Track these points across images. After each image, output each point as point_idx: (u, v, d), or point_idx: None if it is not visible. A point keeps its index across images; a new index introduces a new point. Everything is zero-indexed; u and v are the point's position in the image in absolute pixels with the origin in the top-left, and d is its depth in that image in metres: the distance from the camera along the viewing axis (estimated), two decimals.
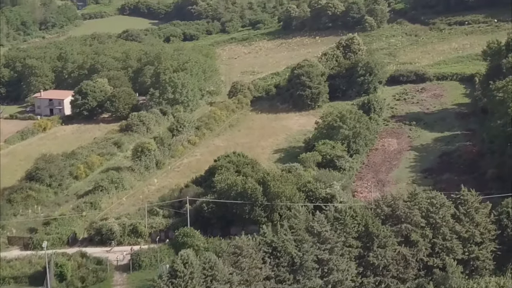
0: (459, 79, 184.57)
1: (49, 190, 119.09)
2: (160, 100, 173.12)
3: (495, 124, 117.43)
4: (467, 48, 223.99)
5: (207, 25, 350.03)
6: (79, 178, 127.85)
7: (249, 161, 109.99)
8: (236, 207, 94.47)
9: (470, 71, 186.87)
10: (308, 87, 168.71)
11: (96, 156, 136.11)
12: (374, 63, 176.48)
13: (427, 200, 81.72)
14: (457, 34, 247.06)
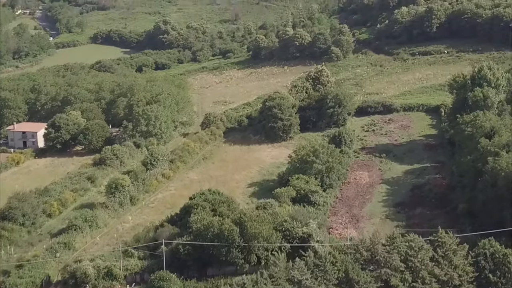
0: (425, 110, 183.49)
1: (22, 229, 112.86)
2: (134, 133, 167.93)
3: (465, 159, 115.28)
4: (430, 78, 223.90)
5: (178, 54, 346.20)
6: (52, 215, 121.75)
7: (225, 199, 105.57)
8: (213, 249, 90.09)
9: (435, 102, 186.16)
10: (280, 119, 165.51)
11: (70, 192, 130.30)
12: (343, 95, 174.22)
13: (405, 243, 78.67)
14: (420, 64, 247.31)
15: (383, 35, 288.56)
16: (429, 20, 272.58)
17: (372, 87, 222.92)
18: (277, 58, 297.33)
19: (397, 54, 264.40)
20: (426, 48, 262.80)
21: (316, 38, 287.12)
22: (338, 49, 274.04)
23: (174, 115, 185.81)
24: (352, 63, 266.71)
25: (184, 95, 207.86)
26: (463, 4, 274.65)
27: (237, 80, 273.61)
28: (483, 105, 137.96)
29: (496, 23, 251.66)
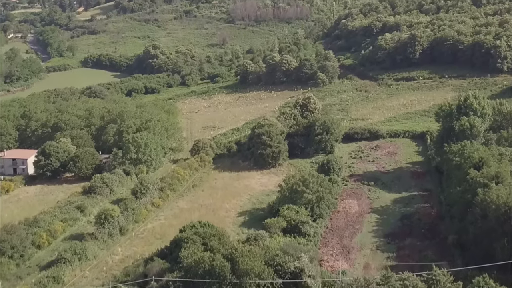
0: (410, 136, 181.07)
1: (11, 262, 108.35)
2: (123, 160, 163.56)
3: (454, 189, 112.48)
4: (415, 104, 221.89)
5: (167, 78, 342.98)
6: (41, 247, 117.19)
7: (216, 232, 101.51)
8: (204, 285, 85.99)
9: (421, 128, 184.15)
10: (269, 146, 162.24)
11: (59, 223, 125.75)
12: (331, 122, 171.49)
13: (400, 282, 75.20)
14: (404, 90, 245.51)
15: (367, 61, 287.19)
16: (412, 46, 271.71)
17: (358, 112, 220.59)
18: (265, 83, 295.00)
19: (381, 80, 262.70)
20: (410, 73, 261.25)
21: (302, 64, 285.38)
22: (324, 74, 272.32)
23: (164, 142, 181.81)
24: (337, 88, 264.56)
25: (174, 121, 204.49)
26: (445, 31, 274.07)
27: (226, 104, 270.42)
28: (470, 134, 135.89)
29: (477, 49, 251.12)
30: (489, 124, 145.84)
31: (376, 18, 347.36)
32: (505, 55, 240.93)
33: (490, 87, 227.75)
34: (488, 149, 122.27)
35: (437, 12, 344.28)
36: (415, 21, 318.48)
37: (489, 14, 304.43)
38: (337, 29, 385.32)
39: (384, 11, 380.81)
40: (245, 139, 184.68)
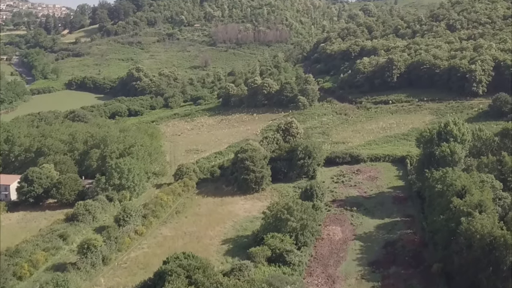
0: (391, 160, 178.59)
1: None
2: (106, 186, 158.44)
3: (438, 218, 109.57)
4: (393, 127, 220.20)
5: (151, 101, 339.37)
6: (23, 278, 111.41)
7: (200, 265, 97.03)
8: None
9: (401, 152, 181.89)
10: (252, 171, 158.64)
11: (41, 252, 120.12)
12: (312, 147, 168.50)
13: None
14: (383, 113, 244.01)
15: (346, 84, 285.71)
16: (389, 70, 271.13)
17: (338, 135, 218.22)
18: (247, 105, 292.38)
19: (360, 103, 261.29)
20: (388, 97, 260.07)
21: (283, 87, 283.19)
22: (305, 97, 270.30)
23: (147, 166, 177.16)
24: (318, 111, 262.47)
25: (157, 145, 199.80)
26: (422, 55, 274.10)
27: (209, 127, 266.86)
28: (451, 160, 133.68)
29: (453, 73, 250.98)
30: (468, 150, 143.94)
31: (354, 42, 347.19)
32: (480, 79, 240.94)
33: (467, 111, 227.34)
34: (469, 176, 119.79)
35: (413, 36, 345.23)
36: (392, 45, 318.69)
37: (463, 39, 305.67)
38: (316, 53, 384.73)
39: (362, 35, 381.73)
40: (228, 163, 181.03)
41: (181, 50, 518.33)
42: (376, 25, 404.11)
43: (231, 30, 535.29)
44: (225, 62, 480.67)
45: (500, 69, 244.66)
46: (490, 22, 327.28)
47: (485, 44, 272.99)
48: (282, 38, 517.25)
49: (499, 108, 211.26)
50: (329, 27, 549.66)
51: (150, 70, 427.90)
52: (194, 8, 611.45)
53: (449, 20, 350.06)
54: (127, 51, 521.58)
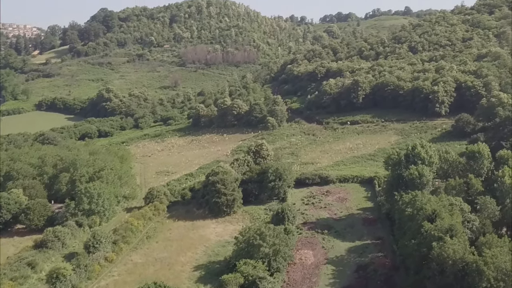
0: (359, 181, 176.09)
1: None
2: (76, 211, 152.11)
3: (409, 242, 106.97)
4: (360, 148, 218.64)
5: (121, 121, 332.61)
6: None
7: None
8: None
9: (368, 173, 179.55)
10: (224, 194, 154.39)
11: (9, 282, 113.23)
12: (283, 169, 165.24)
13: None
14: (349, 134, 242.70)
15: (313, 105, 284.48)
16: (355, 91, 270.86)
17: (307, 156, 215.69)
18: (217, 126, 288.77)
19: (328, 123, 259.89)
20: (354, 117, 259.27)
21: (253, 108, 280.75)
22: (273, 118, 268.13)
23: (117, 190, 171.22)
24: (286, 131, 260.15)
25: (127, 169, 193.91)
26: (386, 77, 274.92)
27: (179, 148, 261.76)
28: (419, 183, 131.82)
29: (417, 94, 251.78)
30: (436, 172, 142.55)
31: (320, 64, 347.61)
32: (443, 100, 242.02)
33: (430, 131, 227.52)
34: (439, 199, 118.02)
35: (376, 58, 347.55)
36: (356, 67, 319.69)
37: (425, 61, 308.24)
38: (283, 74, 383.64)
39: (327, 57, 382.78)
40: (199, 185, 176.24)
41: (151, 70, 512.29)
42: (341, 47, 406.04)
43: (200, 51, 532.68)
44: (194, 82, 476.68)
45: (462, 90, 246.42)
46: (450, 44, 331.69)
47: (447, 66, 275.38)
48: (250, 59, 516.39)
49: (462, 128, 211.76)
50: (295, 48, 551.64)
51: (120, 91, 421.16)
52: (164, 30, 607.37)
53: (411, 42, 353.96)
54: (97, 72, 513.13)
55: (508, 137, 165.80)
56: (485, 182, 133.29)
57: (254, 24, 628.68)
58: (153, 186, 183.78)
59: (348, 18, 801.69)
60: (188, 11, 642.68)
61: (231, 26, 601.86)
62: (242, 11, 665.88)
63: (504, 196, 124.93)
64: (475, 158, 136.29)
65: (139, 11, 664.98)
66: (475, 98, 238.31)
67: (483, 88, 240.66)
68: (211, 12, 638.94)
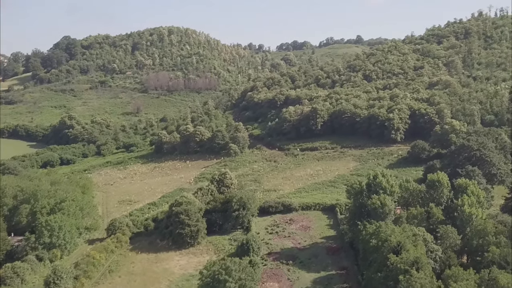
0: (321, 208, 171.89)
1: None
2: (36, 245, 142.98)
3: (375, 275, 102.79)
4: (320, 174, 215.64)
5: (83, 149, 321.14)
6: None
7: None
8: None
9: (330, 200, 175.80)
10: (187, 225, 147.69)
11: None
12: (247, 198, 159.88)
13: None
14: (309, 160, 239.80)
15: (274, 132, 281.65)
16: (314, 118, 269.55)
17: (270, 183, 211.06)
18: (179, 152, 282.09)
19: (288, 150, 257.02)
20: (313, 144, 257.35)
21: (215, 135, 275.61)
22: (235, 145, 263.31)
23: (79, 222, 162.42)
24: (249, 158, 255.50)
25: (89, 199, 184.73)
26: (343, 105, 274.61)
27: (142, 175, 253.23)
28: (381, 212, 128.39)
29: (373, 121, 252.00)
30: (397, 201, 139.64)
31: (279, 92, 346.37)
32: (398, 127, 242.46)
33: (387, 157, 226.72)
34: (402, 229, 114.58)
35: (333, 86, 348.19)
36: (314, 95, 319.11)
37: (379, 89, 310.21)
38: (244, 100, 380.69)
39: (286, 85, 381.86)
40: (162, 215, 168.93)
41: (113, 97, 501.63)
42: (298, 75, 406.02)
43: (162, 77, 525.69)
44: (157, 108, 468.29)
45: (416, 117, 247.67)
46: (403, 73, 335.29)
47: (401, 94, 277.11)
48: (211, 85, 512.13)
49: (418, 154, 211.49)
50: (254, 75, 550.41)
51: (83, 117, 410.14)
52: (126, 57, 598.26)
53: (365, 70, 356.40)
54: (60, 99, 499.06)
55: (463, 164, 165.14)
56: (445, 211, 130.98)
57: (215, 52, 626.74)
58: (115, 216, 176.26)
59: (304, 46, 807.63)
60: (150, 39, 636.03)
61: (192, 53, 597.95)
62: (203, 39, 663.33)
63: (464, 225, 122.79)
64: (435, 187, 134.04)
65: (101, 39, 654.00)
66: (428, 125, 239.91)
67: (436, 115, 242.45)
68: (173, 40, 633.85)
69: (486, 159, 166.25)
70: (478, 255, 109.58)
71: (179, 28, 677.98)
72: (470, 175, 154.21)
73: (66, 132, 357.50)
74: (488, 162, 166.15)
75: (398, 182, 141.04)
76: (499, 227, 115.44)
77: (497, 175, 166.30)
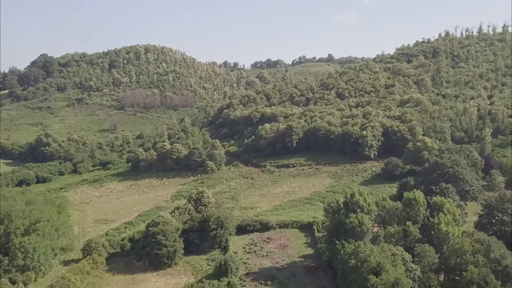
0: (298, 226, 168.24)
1: None
2: (10, 268, 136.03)
3: None
4: (297, 191, 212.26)
5: (59, 166, 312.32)
6: None
7: None
8: None
9: (307, 218, 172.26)
10: (164, 245, 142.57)
11: None
12: (224, 217, 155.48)
13: None
14: (285, 177, 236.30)
15: (250, 149, 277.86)
16: (289, 136, 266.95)
17: (247, 200, 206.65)
18: (156, 170, 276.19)
19: (265, 167, 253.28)
20: (289, 161, 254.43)
21: (192, 152, 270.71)
22: (212, 162, 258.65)
23: (54, 243, 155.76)
24: (225, 175, 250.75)
25: (65, 219, 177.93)
26: (317, 122, 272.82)
27: (118, 193, 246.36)
28: (359, 231, 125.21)
29: (347, 138, 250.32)
30: (374, 220, 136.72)
31: (255, 109, 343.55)
32: (371, 144, 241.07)
33: (361, 174, 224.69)
34: (381, 249, 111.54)
35: (307, 103, 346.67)
36: (289, 112, 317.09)
37: (352, 106, 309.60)
38: (220, 117, 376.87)
39: (261, 102, 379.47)
40: (139, 235, 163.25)
41: (90, 114, 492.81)
42: (273, 92, 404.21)
43: (139, 95, 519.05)
44: (133, 125, 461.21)
45: (388, 134, 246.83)
46: (375, 91, 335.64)
47: (373, 111, 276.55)
48: (187, 102, 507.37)
49: (391, 171, 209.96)
50: (230, 92, 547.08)
51: (60, 135, 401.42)
52: (103, 75, 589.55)
53: (338, 88, 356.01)
54: (36, 116, 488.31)
55: (437, 182, 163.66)
56: (422, 229, 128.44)
57: (191, 70, 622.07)
58: (91, 236, 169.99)
59: (277, 64, 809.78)
60: (126, 57, 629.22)
61: (168, 71, 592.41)
62: (179, 57, 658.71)
63: (441, 243, 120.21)
64: (411, 205, 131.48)
65: (78, 57, 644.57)
66: (401, 142, 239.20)
67: (408, 132, 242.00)
68: (149, 58, 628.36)
69: (459, 176, 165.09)
70: (457, 274, 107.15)
71: (155, 46, 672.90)
72: (444, 192, 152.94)
73: (43, 150, 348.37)
74: (461, 179, 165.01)
75: (375, 200, 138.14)
76: (476, 245, 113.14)
77: (470, 192, 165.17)
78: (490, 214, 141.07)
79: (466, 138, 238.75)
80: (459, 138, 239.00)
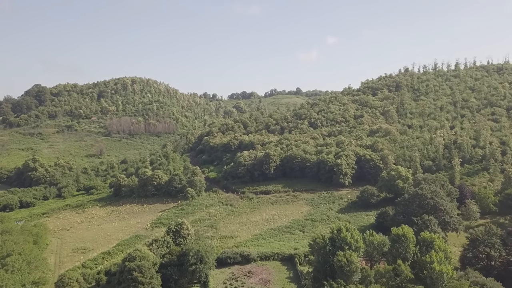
0: (279, 258, 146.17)
1: None
2: None
3: None
4: (276, 219, 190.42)
5: (44, 191, 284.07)
6: None
7: None
8: None
9: (288, 249, 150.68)
10: (141, 283, 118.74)
11: None
12: (204, 250, 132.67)
13: None
14: (264, 203, 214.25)
15: (229, 175, 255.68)
16: (267, 163, 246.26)
17: (226, 229, 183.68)
18: (137, 195, 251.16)
19: (243, 193, 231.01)
20: (267, 187, 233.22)
21: (172, 178, 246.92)
22: (192, 188, 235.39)
23: (25, 278, 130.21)
24: (205, 201, 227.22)
25: (38, 252, 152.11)
26: (293, 150, 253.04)
27: (99, 219, 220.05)
28: (348, 270, 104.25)
29: (322, 166, 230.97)
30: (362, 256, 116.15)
31: (234, 137, 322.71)
32: (346, 172, 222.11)
33: (338, 201, 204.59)
34: None
35: (282, 132, 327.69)
36: (266, 140, 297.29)
37: (325, 135, 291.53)
38: (200, 144, 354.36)
39: (239, 130, 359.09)
40: (115, 268, 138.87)
41: (78, 140, 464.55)
42: (250, 121, 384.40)
43: (125, 122, 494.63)
44: (118, 151, 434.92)
45: (361, 163, 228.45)
46: (345, 121, 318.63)
47: (346, 141, 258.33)
48: (170, 129, 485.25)
49: (367, 199, 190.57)
50: (209, 121, 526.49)
51: (48, 159, 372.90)
52: (92, 104, 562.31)
53: (311, 118, 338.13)
54: (27, 141, 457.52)
55: (417, 212, 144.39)
56: (412, 266, 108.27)
57: (173, 100, 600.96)
58: (68, 267, 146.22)
59: (251, 96, 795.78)
60: (114, 88, 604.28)
61: (153, 101, 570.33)
62: (163, 88, 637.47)
63: (435, 283, 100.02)
64: (401, 242, 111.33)
65: (70, 87, 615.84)
66: (373, 170, 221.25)
67: (381, 161, 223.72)
68: (135, 89, 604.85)
69: (440, 208, 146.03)
70: None
71: (141, 78, 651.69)
72: (427, 224, 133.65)
73: (30, 175, 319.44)
74: (441, 210, 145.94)
75: (362, 236, 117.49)
76: None
77: (450, 223, 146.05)
78: (475, 248, 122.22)
79: (434, 167, 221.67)
80: (428, 167, 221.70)
